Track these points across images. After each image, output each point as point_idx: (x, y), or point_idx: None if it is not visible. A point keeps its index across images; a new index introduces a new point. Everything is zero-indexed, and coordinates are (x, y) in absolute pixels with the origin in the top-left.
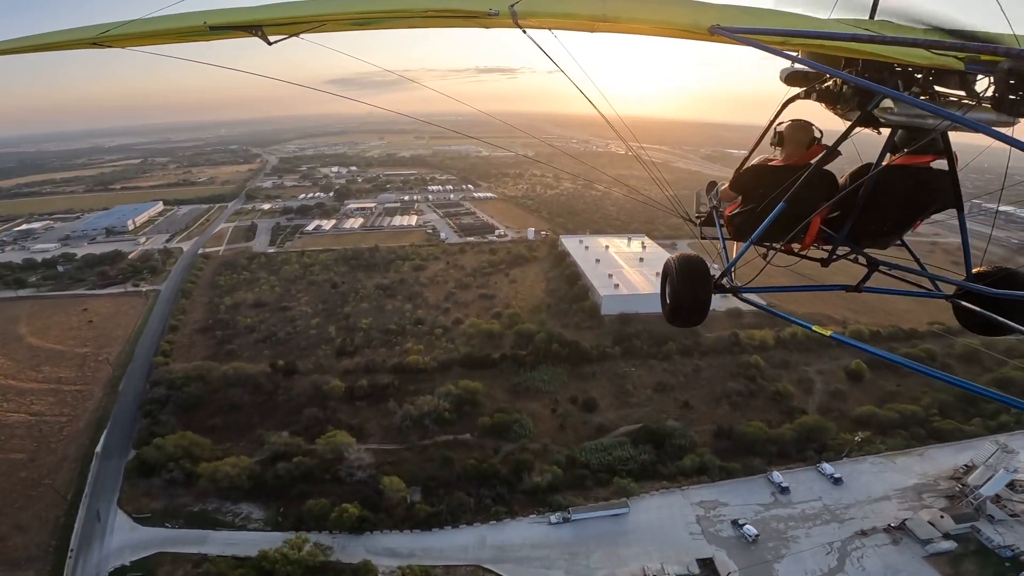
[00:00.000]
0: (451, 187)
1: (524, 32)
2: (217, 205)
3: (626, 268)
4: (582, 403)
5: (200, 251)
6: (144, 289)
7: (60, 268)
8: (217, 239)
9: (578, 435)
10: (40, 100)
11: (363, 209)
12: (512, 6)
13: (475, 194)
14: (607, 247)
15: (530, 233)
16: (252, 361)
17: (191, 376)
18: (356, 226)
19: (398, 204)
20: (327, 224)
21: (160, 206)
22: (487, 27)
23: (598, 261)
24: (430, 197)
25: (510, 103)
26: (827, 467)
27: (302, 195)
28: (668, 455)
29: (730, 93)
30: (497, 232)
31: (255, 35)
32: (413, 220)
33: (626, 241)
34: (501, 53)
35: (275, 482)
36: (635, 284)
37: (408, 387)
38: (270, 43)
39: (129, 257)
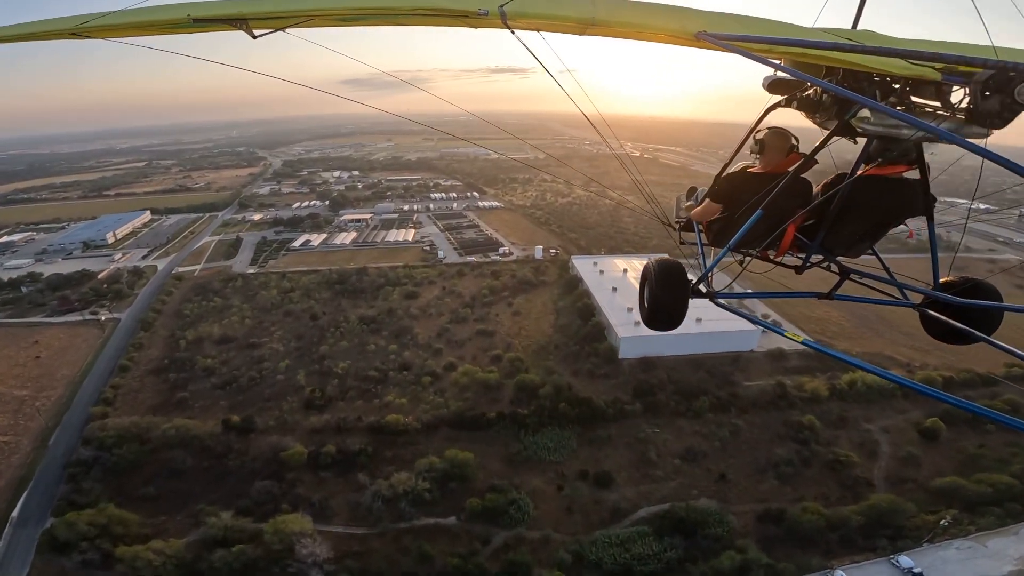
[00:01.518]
0: (455, 195)
1: (513, 33)
2: (207, 214)
3: None
4: (594, 477)
5: (174, 271)
6: (103, 318)
7: (24, 289)
8: (196, 256)
9: (588, 520)
10: (60, 100)
11: (358, 221)
12: (502, 7)
13: (480, 203)
14: (625, 271)
15: (538, 251)
16: (205, 412)
17: (124, 435)
18: (347, 242)
19: (396, 215)
20: (316, 239)
21: (147, 216)
22: (476, 27)
23: (615, 289)
24: (431, 207)
25: (522, 103)
26: (904, 560)
27: (296, 204)
28: (700, 548)
29: (750, 93)
30: (501, 250)
31: (239, 28)
32: (410, 235)
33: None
34: (512, 53)
35: (211, 574)
36: None
37: (385, 452)
38: (255, 37)
39: (98, 277)
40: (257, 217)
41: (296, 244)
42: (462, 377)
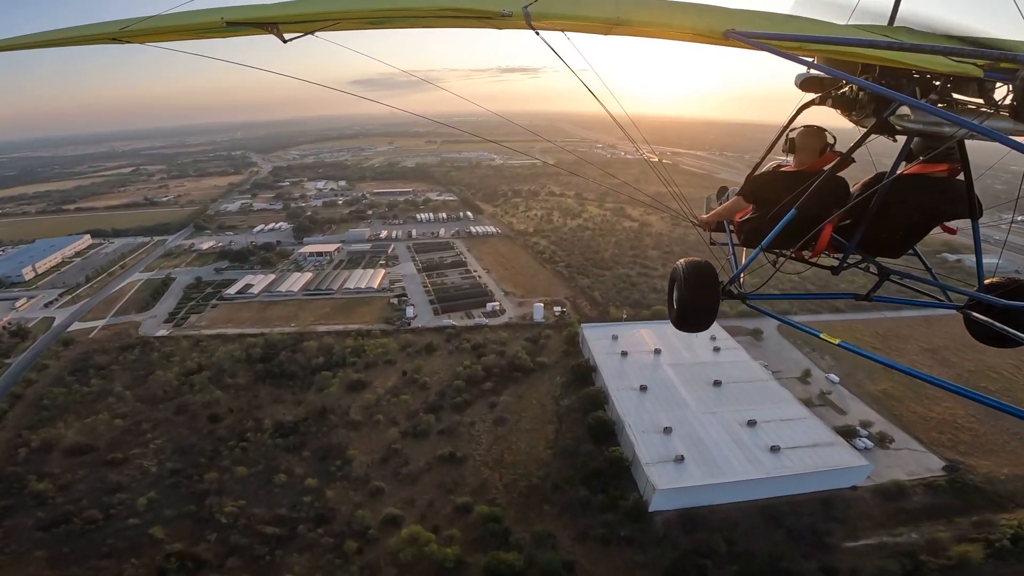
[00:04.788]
0: (444, 215)
1: (537, 34)
2: (155, 239)
3: (692, 405)
4: None
5: (69, 329)
6: None
7: None
8: (109, 304)
9: None
10: (74, 101)
11: (319, 255)
12: (526, 8)
13: (472, 228)
14: (656, 352)
15: (537, 311)
16: (14, 563)
17: None
18: (297, 288)
19: (368, 246)
20: (259, 284)
21: (86, 241)
22: (500, 28)
23: (644, 389)
24: (414, 232)
25: (532, 103)
26: None
27: (259, 227)
28: None
29: (773, 92)
30: (490, 305)
31: (270, 32)
32: (377, 279)
33: (686, 336)
34: (524, 52)
35: None
36: (712, 450)
37: None
38: (285, 41)
39: None
40: (207, 245)
41: (232, 291)
42: (406, 547)
